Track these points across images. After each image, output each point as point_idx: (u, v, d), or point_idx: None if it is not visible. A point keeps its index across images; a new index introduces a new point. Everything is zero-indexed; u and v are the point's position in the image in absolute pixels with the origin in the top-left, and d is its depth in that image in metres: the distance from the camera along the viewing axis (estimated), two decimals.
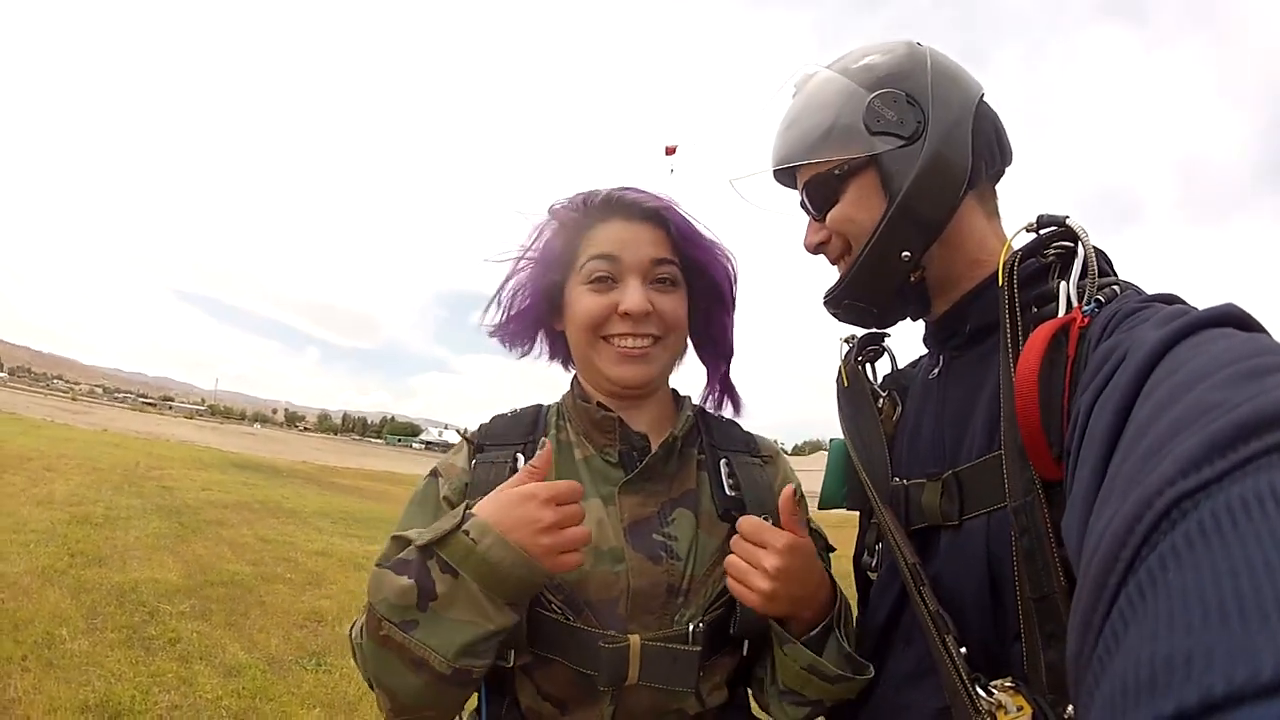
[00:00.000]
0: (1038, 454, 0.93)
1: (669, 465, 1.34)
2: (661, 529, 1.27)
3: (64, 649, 5.13)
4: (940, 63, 1.19)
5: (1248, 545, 0.36)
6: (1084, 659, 0.45)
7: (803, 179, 1.26)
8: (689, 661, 1.19)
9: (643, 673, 1.17)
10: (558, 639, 1.19)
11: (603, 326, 1.32)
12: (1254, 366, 0.54)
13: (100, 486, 13.23)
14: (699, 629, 1.21)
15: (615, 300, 1.30)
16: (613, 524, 1.27)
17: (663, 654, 1.18)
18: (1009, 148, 1.23)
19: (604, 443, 1.35)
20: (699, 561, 1.26)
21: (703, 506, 1.32)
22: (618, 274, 1.31)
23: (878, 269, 1.19)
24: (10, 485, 11.66)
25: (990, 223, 1.22)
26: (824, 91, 1.22)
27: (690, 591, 1.24)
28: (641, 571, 1.22)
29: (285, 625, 6.57)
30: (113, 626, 5.79)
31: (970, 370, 1.18)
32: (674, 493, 1.32)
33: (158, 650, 5.44)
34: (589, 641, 1.18)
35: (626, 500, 1.29)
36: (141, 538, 9.38)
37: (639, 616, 1.21)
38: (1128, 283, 1.03)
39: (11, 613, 5.71)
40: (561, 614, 1.20)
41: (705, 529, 1.30)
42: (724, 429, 1.48)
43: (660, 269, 1.33)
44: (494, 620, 1.09)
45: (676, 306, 1.35)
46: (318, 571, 8.90)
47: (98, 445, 22.21)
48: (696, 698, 1.23)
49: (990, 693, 0.96)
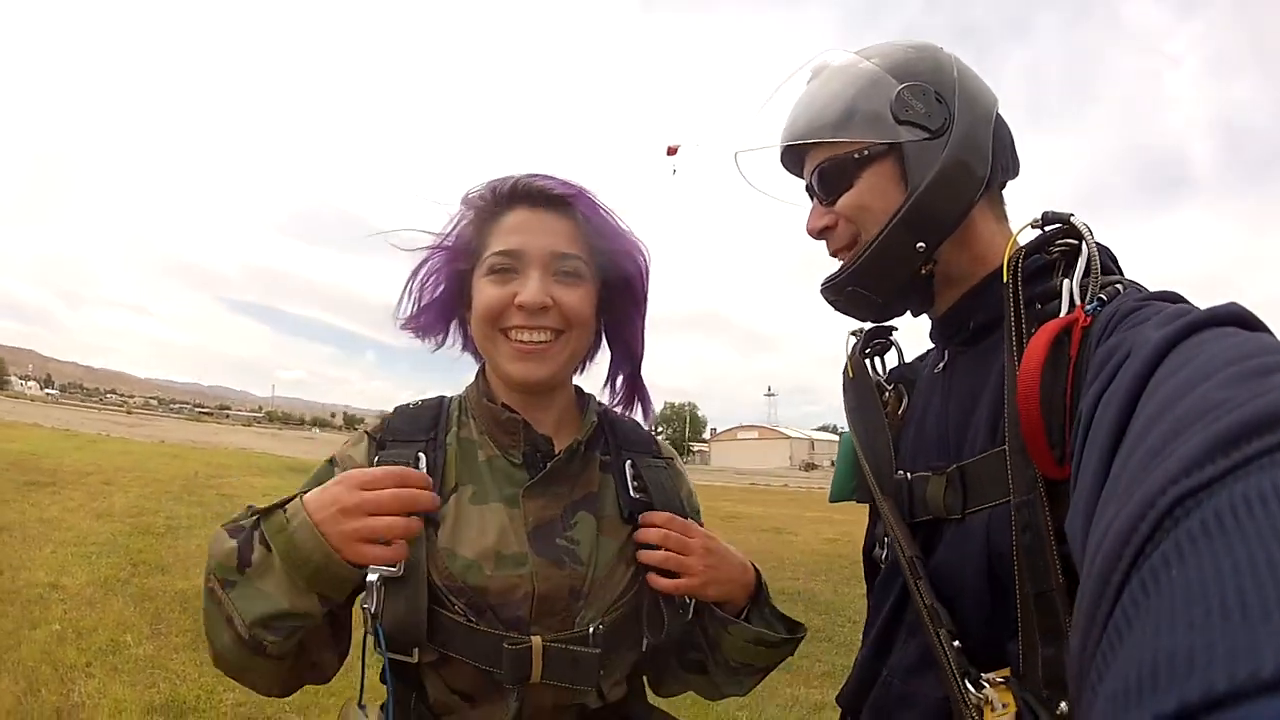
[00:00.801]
0: (1039, 453, 0.98)
1: (572, 467, 1.40)
2: (564, 533, 1.34)
3: (128, 654, 5.42)
4: (965, 69, 1.26)
5: (1250, 543, 0.37)
6: (1087, 655, 0.47)
7: (815, 161, 1.30)
8: (590, 662, 1.27)
9: (545, 672, 1.25)
10: (461, 639, 1.26)
11: (500, 319, 1.34)
12: (1257, 366, 0.56)
13: (160, 497, 13.65)
14: (599, 630, 1.29)
15: (514, 291, 1.32)
16: (515, 528, 1.32)
17: (564, 655, 1.26)
18: (1018, 160, 1.30)
19: (508, 444, 1.39)
20: (599, 565, 1.34)
21: (605, 509, 1.40)
22: (519, 266, 1.34)
23: (889, 259, 1.23)
24: (70, 500, 12.07)
25: (998, 225, 1.28)
26: (848, 75, 1.26)
27: (590, 594, 1.32)
28: (545, 576, 1.29)
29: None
30: (177, 631, 6.07)
31: (974, 365, 1.24)
32: (576, 495, 1.39)
33: None
34: (493, 643, 1.25)
35: (530, 504, 1.34)
36: (203, 545, 9.41)
37: (542, 619, 1.28)
38: (1130, 281, 1.07)
39: (75, 622, 6.01)
40: (464, 615, 1.26)
41: (606, 532, 1.37)
42: (628, 430, 1.55)
43: (564, 262, 1.36)
44: (291, 602, 1.14)
45: (580, 301, 1.36)
46: None
47: (155, 457, 22.81)
48: (597, 694, 1.34)
49: (980, 687, 1.03)
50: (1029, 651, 0.99)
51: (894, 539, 1.24)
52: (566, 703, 1.32)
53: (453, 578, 1.27)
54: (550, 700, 1.30)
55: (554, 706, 1.31)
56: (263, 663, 1.19)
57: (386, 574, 1.21)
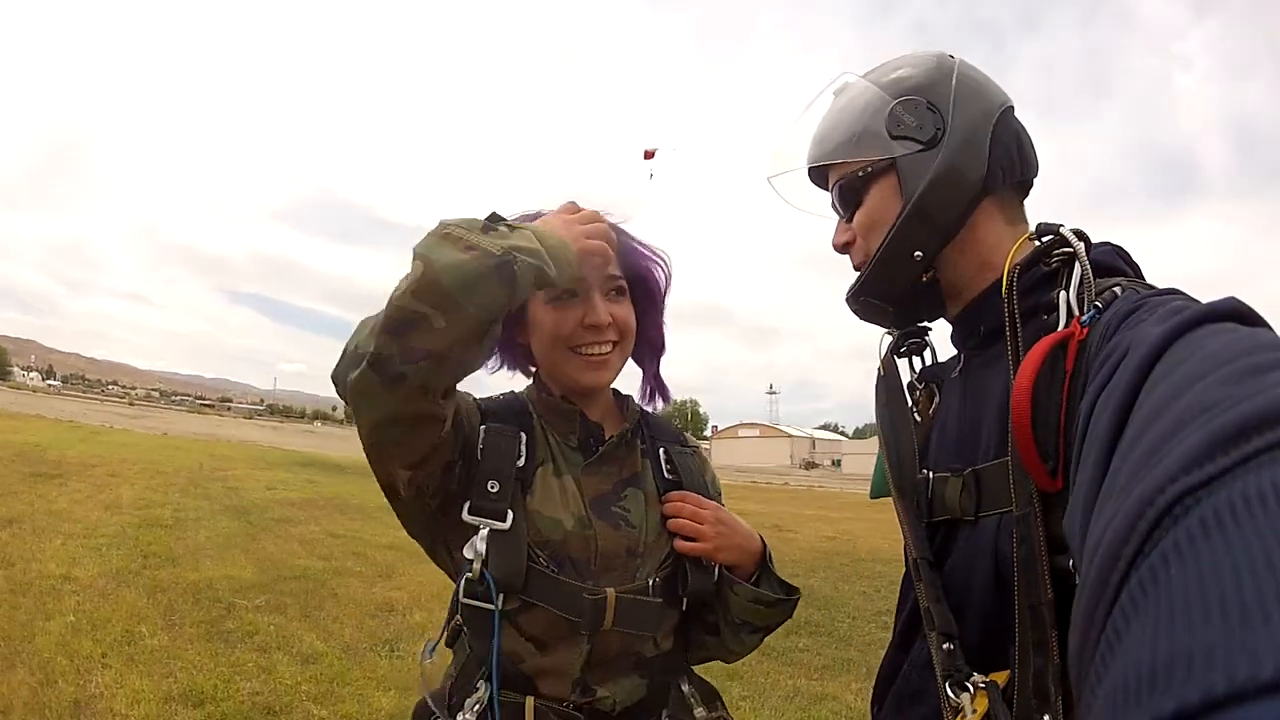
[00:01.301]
0: (1032, 467, 1.00)
1: (620, 451, 1.62)
2: (618, 503, 1.55)
3: (143, 645, 5.49)
4: (966, 74, 1.28)
5: (1249, 542, 0.37)
6: (1086, 655, 0.47)
7: (833, 180, 1.37)
8: (653, 611, 1.50)
9: (617, 619, 1.45)
10: (545, 588, 1.43)
11: (571, 339, 1.54)
12: (1256, 363, 0.55)
13: (166, 489, 13.79)
14: (657, 583, 1.51)
15: (579, 314, 1.53)
16: (579, 499, 1.53)
17: (633, 604, 1.47)
18: (1033, 160, 1.30)
19: (566, 430, 1.61)
20: (649, 529, 1.55)
21: (648, 487, 1.61)
22: (581, 290, 1.53)
23: (891, 268, 1.29)
24: (77, 492, 12.17)
25: (1011, 229, 1.28)
26: (854, 98, 1.33)
27: (645, 554, 1.53)
28: (605, 536, 1.50)
29: (358, 615, 6.92)
30: (190, 622, 6.17)
31: (985, 372, 1.27)
32: (624, 474, 1.61)
33: (236, 642, 5.79)
34: (574, 592, 1.43)
35: (588, 480, 1.56)
36: (212, 537, 9.85)
37: (605, 574, 1.48)
38: (1131, 281, 1.09)
39: (89, 613, 6.09)
40: (548, 567, 1.44)
41: (651, 505, 1.59)
42: (661, 424, 1.79)
43: (613, 282, 1.57)
44: (543, 257, 1.26)
45: (628, 314, 1.60)
46: (388, 564, 9.25)
47: (159, 449, 22.95)
48: (653, 642, 1.53)
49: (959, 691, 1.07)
50: (1022, 660, 1.01)
51: (905, 539, 1.28)
52: (629, 651, 1.49)
53: (540, 534, 1.45)
54: (616, 647, 1.47)
55: (617, 653, 1.48)
56: (481, 314, 1.20)
57: (496, 527, 1.41)
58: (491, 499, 1.43)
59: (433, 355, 1.19)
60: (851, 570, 11.90)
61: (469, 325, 1.19)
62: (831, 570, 11.78)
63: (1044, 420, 0.99)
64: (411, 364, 1.19)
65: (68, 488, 12.47)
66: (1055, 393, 0.99)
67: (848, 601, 9.44)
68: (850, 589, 10.33)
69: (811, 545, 14.90)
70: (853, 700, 5.76)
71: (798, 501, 29.53)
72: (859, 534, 17.03)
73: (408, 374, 1.20)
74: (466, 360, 1.27)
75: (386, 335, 1.18)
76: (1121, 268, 1.15)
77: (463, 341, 1.21)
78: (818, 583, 10.57)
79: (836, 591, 10.12)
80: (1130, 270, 1.16)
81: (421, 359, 1.19)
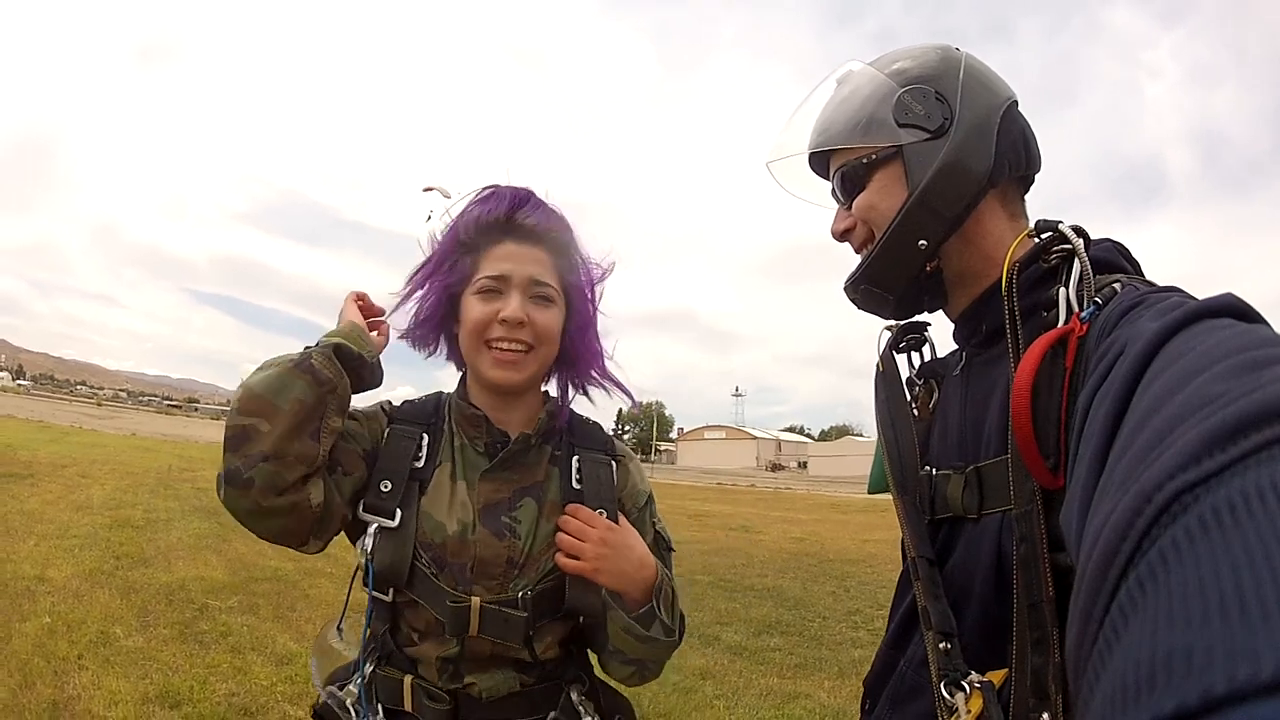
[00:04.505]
0: (1033, 465, 1.00)
1: (526, 457, 1.66)
2: (509, 512, 1.59)
3: (119, 646, 5.50)
4: (973, 66, 1.27)
5: (1248, 540, 0.37)
6: (1084, 653, 0.47)
7: (835, 167, 1.35)
8: (518, 623, 1.51)
9: (481, 627, 1.50)
10: (424, 587, 1.51)
11: (485, 331, 1.59)
12: (1254, 358, 0.55)
13: (136, 490, 13.74)
14: (527, 597, 1.53)
15: (498, 309, 1.58)
16: (470, 504, 1.58)
17: (497, 615, 1.51)
18: (1037, 155, 1.29)
19: (473, 434, 1.65)
20: (536, 541, 1.58)
21: (548, 496, 1.64)
22: (504, 288, 1.59)
23: (895, 256, 1.26)
24: (48, 493, 12.11)
25: (1013, 224, 1.27)
26: (860, 85, 1.31)
27: (526, 565, 1.56)
28: (486, 544, 1.54)
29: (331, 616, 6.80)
30: (165, 623, 6.18)
31: (987, 370, 1.26)
32: (525, 482, 1.64)
33: (210, 644, 5.81)
34: (442, 595, 1.50)
35: (484, 486, 1.61)
36: (183, 538, 9.83)
37: (482, 580, 1.53)
38: (1131, 277, 1.09)
39: (64, 615, 6.08)
40: (429, 568, 1.52)
41: (547, 515, 1.61)
42: (588, 430, 1.79)
43: (539, 288, 1.62)
44: (335, 343, 1.50)
45: (550, 321, 1.63)
46: None
47: (128, 450, 22.74)
48: (529, 651, 1.56)
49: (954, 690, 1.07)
50: (1020, 658, 1.01)
51: (904, 536, 1.28)
52: (502, 655, 1.55)
53: (425, 535, 1.53)
54: (488, 649, 1.53)
55: (491, 655, 1.54)
56: (297, 383, 1.43)
57: (384, 525, 1.51)
58: (382, 497, 1.53)
59: (268, 456, 1.38)
60: (820, 571, 11.95)
61: (290, 421, 1.40)
62: (801, 571, 11.83)
63: (1044, 417, 0.99)
64: (252, 468, 1.37)
65: (39, 488, 12.42)
66: (1056, 389, 0.99)
67: (817, 601, 9.50)
68: (819, 589, 10.38)
69: (780, 546, 14.97)
70: (826, 698, 5.81)
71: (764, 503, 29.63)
72: (826, 536, 17.12)
73: (254, 478, 1.37)
74: (301, 453, 1.42)
75: (229, 453, 1.40)
76: (1122, 264, 1.15)
77: (288, 436, 1.40)
78: (787, 583, 10.63)
79: (806, 592, 10.18)
80: (1130, 267, 1.16)
81: (259, 461, 1.38)
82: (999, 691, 1.04)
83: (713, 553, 13.01)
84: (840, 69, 1.39)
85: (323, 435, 1.46)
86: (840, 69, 1.39)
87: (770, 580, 10.76)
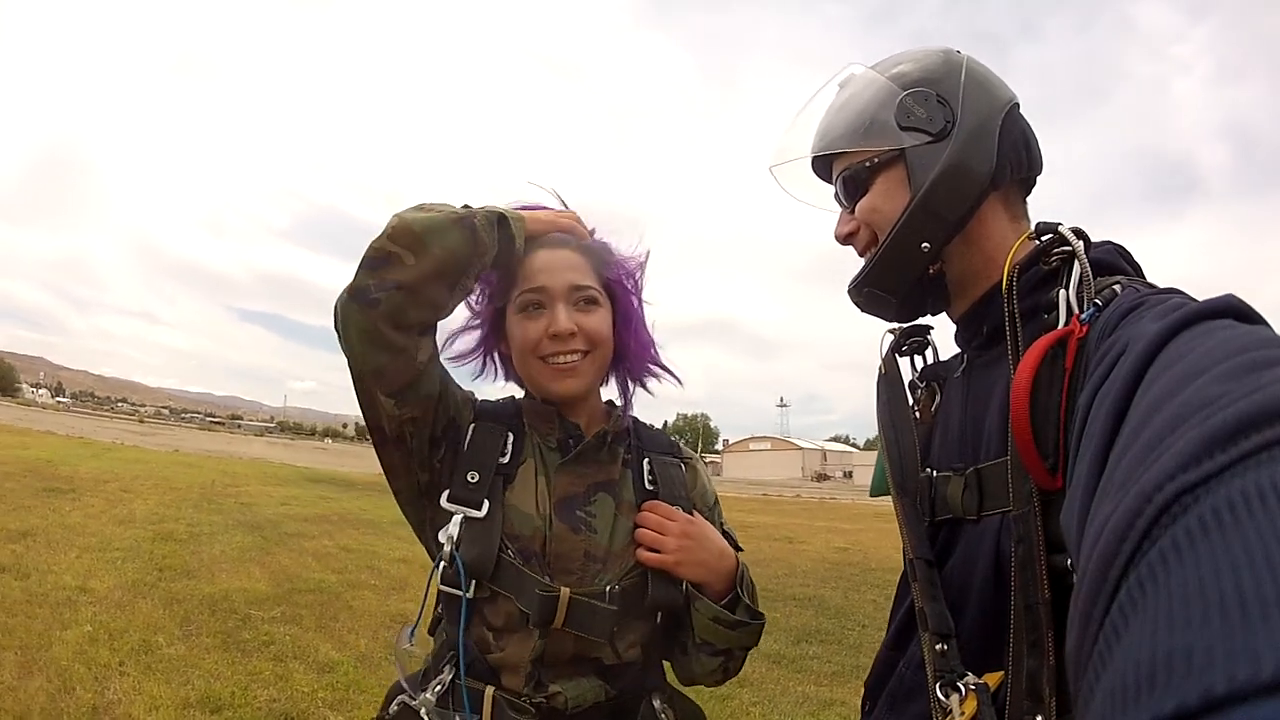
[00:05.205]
0: (1032, 465, 1.01)
1: (600, 454, 1.66)
2: (585, 507, 1.59)
3: (161, 654, 5.56)
4: (974, 69, 1.29)
5: (1249, 541, 0.37)
6: (1084, 653, 0.47)
7: (837, 170, 1.37)
8: (605, 616, 1.50)
9: (568, 619, 1.47)
10: (510, 579, 1.49)
11: (538, 349, 1.59)
12: (1254, 359, 0.56)
13: (179, 504, 13.79)
14: (614, 590, 1.52)
15: (546, 324, 1.57)
16: (547, 497, 1.58)
17: (585, 606, 1.48)
18: (1039, 157, 1.31)
19: (546, 430, 1.65)
20: (616, 537, 1.58)
21: (623, 495, 1.64)
22: (546, 301, 1.59)
23: (898, 258, 1.28)
24: (90, 507, 12.19)
25: (1014, 225, 1.29)
26: (863, 89, 1.33)
27: (608, 560, 1.56)
28: (562, 537, 1.54)
29: (373, 626, 6.97)
30: (207, 632, 6.23)
31: (988, 371, 1.27)
32: (598, 478, 1.64)
33: (253, 652, 5.86)
34: (531, 585, 1.48)
35: (559, 479, 1.60)
36: (226, 551, 9.90)
37: (563, 574, 1.52)
38: (1132, 279, 1.09)
39: (106, 624, 6.15)
40: (516, 559, 1.50)
41: (624, 513, 1.61)
42: (653, 436, 1.80)
43: (580, 292, 1.61)
44: (498, 215, 1.50)
45: (599, 323, 1.63)
46: (401, 577, 9.33)
47: (171, 465, 22.95)
48: (611, 649, 1.55)
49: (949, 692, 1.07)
50: (1017, 660, 1.01)
51: (903, 538, 1.28)
52: (584, 654, 1.53)
53: (513, 527, 1.52)
54: (571, 648, 1.51)
55: (574, 656, 1.52)
56: (454, 234, 1.43)
57: (470, 515, 1.51)
58: (469, 488, 1.53)
59: (402, 286, 1.39)
60: (862, 580, 11.89)
61: (435, 264, 1.40)
62: (843, 580, 11.77)
63: (1044, 418, 1.00)
64: (384, 291, 1.38)
65: (81, 502, 12.50)
66: (1055, 390, 1.00)
67: (858, 610, 9.46)
68: (861, 598, 10.33)
69: (823, 556, 14.87)
70: None
71: (809, 513, 29.44)
72: (870, 545, 16.96)
73: (380, 299, 1.38)
74: (433, 298, 1.44)
75: (365, 270, 1.40)
76: (1122, 266, 1.16)
77: (429, 278, 1.41)
78: (829, 593, 10.60)
79: (847, 601, 10.14)
80: (1131, 269, 1.17)
81: (392, 288, 1.38)
82: (995, 694, 1.04)
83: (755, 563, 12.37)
84: (841, 72, 1.41)
85: (456, 292, 1.48)
86: (841, 72, 1.41)
87: (812, 590, 10.74)
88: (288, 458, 38.14)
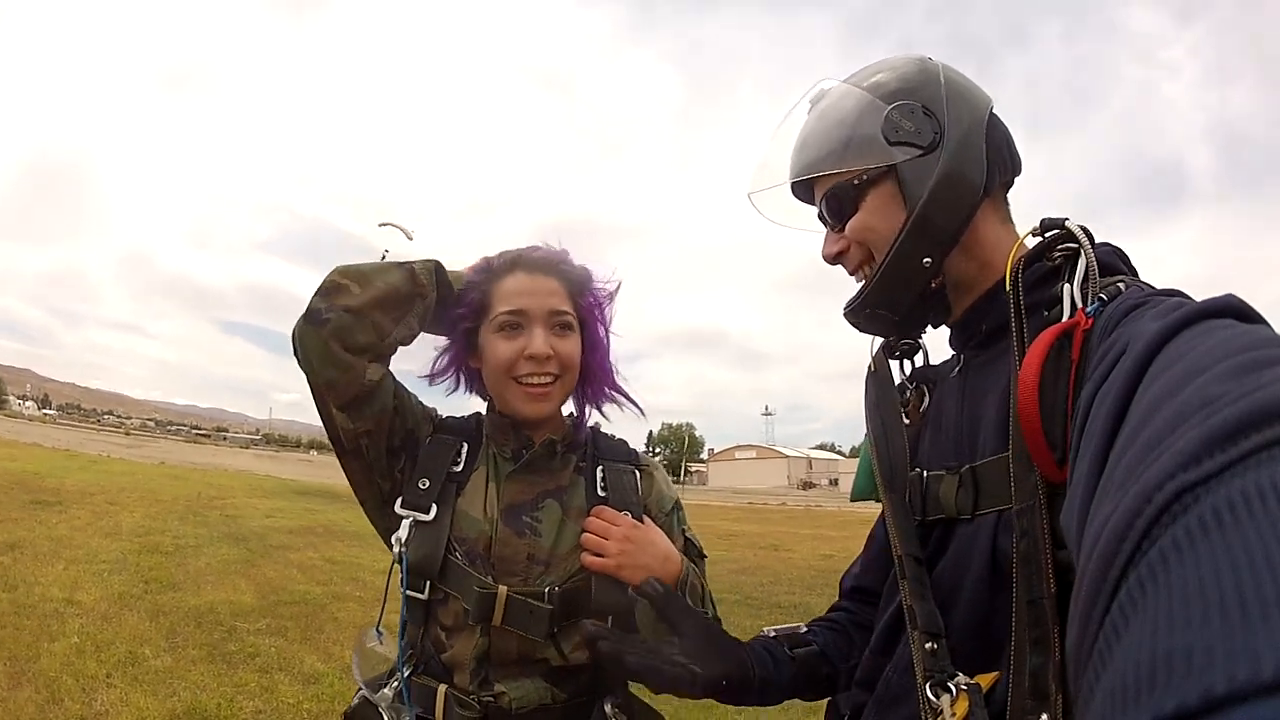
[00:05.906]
0: (1040, 457, 0.98)
1: (552, 463, 1.75)
2: (531, 512, 1.67)
3: (147, 666, 5.60)
4: (952, 77, 1.27)
5: (1249, 541, 0.37)
6: (1084, 652, 0.47)
7: (820, 190, 1.33)
8: (542, 615, 1.57)
9: (505, 617, 1.55)
10: (457, 579, 1.58)
11: (513, 369, 1.67)
12: (1254, 359, 0.55)
13: (165, 517, 13.77)
14: (554, 591, 1.59)
15: (523, 345, 1.65)
16: (495, 503, 1.66)
17: (522, 605, 1.56)
18: (1018, 158, 1.29)
19: (503, 441, 1.74)
20: (561, 541, 1.65)
21: (573, 502, 1.71)
22: (525, 323, 1.67)
23: (900, 276, 1.25)
24: (77, 519, 12.18)
25: (1005, 228, 1.28)
26: (841, 104, 1.29)
27: (551, 563, 1.63)
28: (505, 541, 1.62)
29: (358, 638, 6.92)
30: (193, 644, 6.28)
31: (986, 370, 1.25)
32: (548, 486, 1.72)
33: (238, 664, 5.90)
34: (472, 585, 1.56)
35: (509, 486, 1.69)
36: (212, 563, 9.93)
37: (504, 576, 1.59)
38: (1133, 279, 1.08)
39: (93, 636, 6.19)
40: (462, 561, 1.59)
41: (572, 519, 1.68)
42: (611, 445, 1.88)
43: (558, 317, 1.70)
44: (434, 264, 1.65)
45: (573, 349, 1.72)
46: None
47: (157, 478, 22.81)
48: (557, 651, 1.61)
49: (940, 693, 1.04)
50: (1019, 659, 0.98)
51: (891, 536, 1.26)
52: (529, 654, 1.60)
53: (460, 529, 1.61)
54: (515, 648, 1.59)
55: (519, 656, 1.60)
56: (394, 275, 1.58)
57: (419, 519, 1.60)
58: (419, 494, 1.63)
59: (349, 310, 1.52)
60: None
61: (377, 294, 1.54)
62: (829, 587, 11.52)
63: (1051, 409, 0.97)
64: (333, 313, 1.50)
65: (67, 515, 12.49)
66: (1062, 382, 0.98)
67: None
68: None
69: (808, 564, 14.91)
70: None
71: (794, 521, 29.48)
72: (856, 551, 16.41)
73: (330, 319, 1.50)
74: (377, 323, 1.55)
75: (318, 297, 1.53)
76: (1121, 268, 1.14)
77: (372, 305, 1.54)
78: (815, 600, 10.48)
79: None
80: (1128, 272, 1.15)
81: (341, 310, 1.51)
82: (989, 695, 1.02)
83: (740, 571, 13.02)
84: (813, 88, 1.39)
85: (400, 324, 1.59)
86: (813, 88, 1.39)
87: (798, 597, 10.72)
88: (273, 470, 37.97)
